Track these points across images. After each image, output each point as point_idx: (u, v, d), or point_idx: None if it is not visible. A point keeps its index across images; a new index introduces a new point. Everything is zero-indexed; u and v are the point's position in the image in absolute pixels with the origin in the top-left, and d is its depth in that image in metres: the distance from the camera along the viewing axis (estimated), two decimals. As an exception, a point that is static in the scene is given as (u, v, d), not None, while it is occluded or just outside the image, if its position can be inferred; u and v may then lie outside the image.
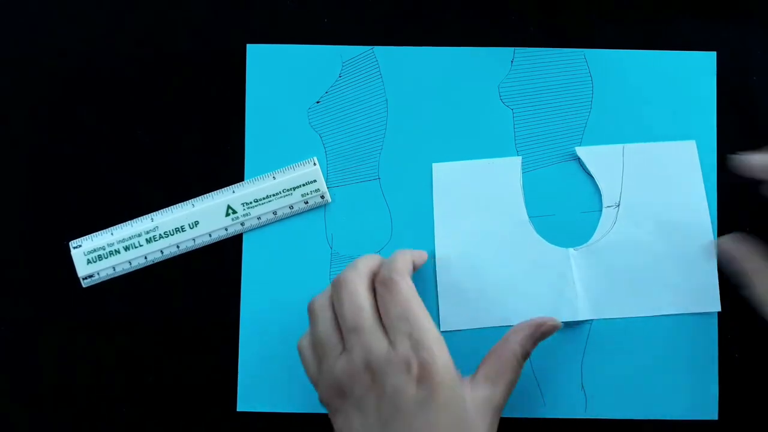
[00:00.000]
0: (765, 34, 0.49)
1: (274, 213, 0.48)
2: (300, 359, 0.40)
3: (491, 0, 0.49)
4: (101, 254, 0.48)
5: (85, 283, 0.49)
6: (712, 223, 0.48)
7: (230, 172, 0.49)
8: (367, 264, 0.39)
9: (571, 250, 0.45)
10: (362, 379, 0.35)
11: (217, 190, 0.49)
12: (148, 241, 0.48)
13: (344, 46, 0.49)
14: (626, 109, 0.48)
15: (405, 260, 0.39)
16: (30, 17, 0.50)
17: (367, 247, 0.48)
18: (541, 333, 0.40)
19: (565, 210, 0.48)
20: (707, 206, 0.45)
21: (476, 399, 0.36)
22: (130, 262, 0.49)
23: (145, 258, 0.49)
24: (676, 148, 0.46)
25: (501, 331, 0.46)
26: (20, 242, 0.49)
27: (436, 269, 0.46)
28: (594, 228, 0.47)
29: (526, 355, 0.39)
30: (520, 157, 0.47)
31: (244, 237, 0.49)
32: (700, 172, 0.45)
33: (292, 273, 0.48)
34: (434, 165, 0.47)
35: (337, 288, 0.38)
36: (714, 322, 0.47)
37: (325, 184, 0.48)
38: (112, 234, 0.49)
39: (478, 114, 0.48)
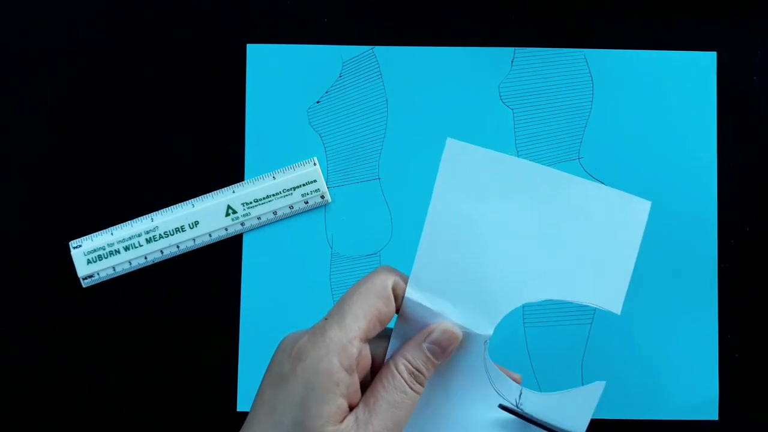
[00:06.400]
0: (765, 34, 0.49)
1: (274, 213, 0.48)
2: None
3: (491, 0, 0.49)
4: (101, 254, 0.48)
5: (85, 283, 0.49)
6: (713, 224, 0.48)
7: (230, 172, 0.49)
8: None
9: None
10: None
11: (217, 190, 0.49)
12: (148, 241, 0.48)
13: (344, 46, 0.49)
14: (626, 109, 0.48)
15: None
16: (29, 19, 0.50)
17: (367, 247, 0.48)
18: (431, 341, 0.30)
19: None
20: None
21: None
22: (130, 262, 0.49)
23: (145, 258, 0.49)
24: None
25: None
26: (20, 242, 0.49)
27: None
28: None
29: (412, 370, 0.30)
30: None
31: (244, 237, 0.49)
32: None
33: (292, 273, 0.48)
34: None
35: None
36: (714, 322, 0.47)
37: (325, 184, 0.48)
38: (112, 234, 0.49)
39: (478, 114, 0.48)
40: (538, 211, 0.30)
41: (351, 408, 0.29)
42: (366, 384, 0.30)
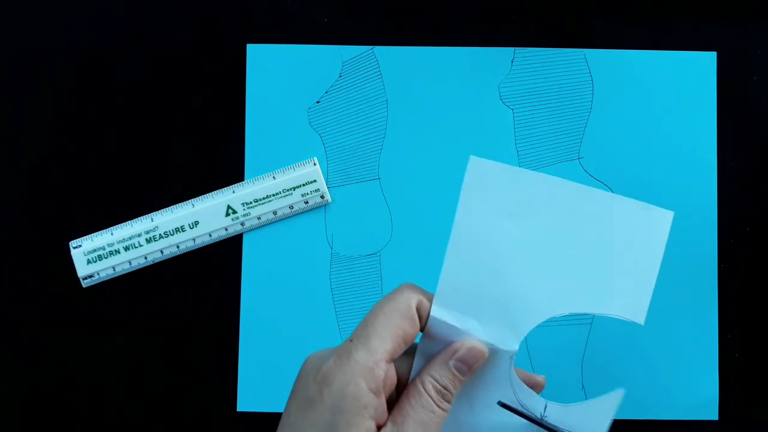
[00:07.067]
0: (765, 34, 0.49)
1: (274, 213, 0.48)
2: None
3: (491, 0, 0.49)
4: (101, 254, 0.48)
5: (85, 283, 0.49)
6: (713, 224, 0.48)
7: (230, 172, 0.49)
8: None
9: None
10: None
11: (217, 190, 0.49)
12: (148, 241, 0.48)
13: (344, 46, 0.49)
14: (626, 109, 0.48)
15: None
16: (30, 19, 0.50)
17: (367, 247, 0.48)
18: (458, 359, 0.30)
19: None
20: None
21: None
22: (130, 262, 0.49)
23: (145, 258, 0.49)
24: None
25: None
26: (20, 242, 0.49)
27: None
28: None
29: (439, 389, 0.30)
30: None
31: (244, 237, 0.49)
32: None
33: (292, 273, 0.48)
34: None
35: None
36: (714, 322, 0.47)
37: (325, 184, 0.48)
38: (112, 234, 0.49)
39: (478, 114, 0.48)
40: (561, 226, 0.30)
41: (379, 428, 0.29)
42: (392, 402, 0.30)
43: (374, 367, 0.28)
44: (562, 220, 0.30)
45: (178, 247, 0.49)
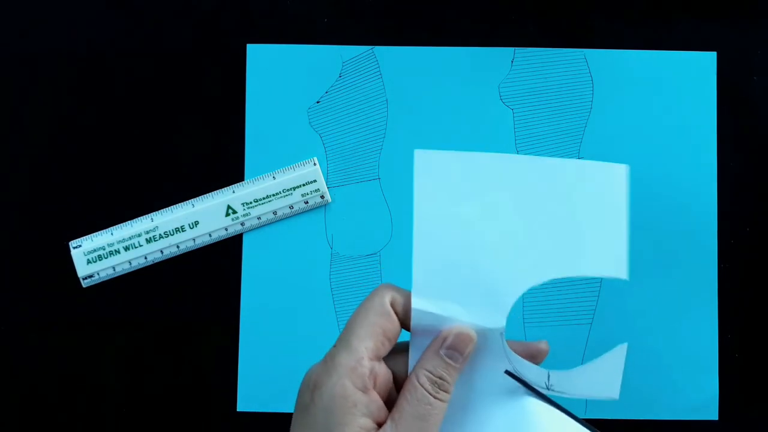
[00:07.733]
0: (765, 34, 0.49)
1: (274, 213, 0.48)
2: None
3: (491, 0, 0.49)
4: (101, 254, 0.48)
5: (85, 283, 0.49)
6: (713, 224, 0.48)
7: (230, 172, 0.49)
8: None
9: None
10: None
11: (217, 190, 0.49)
12: (148, 241, 0.48)
13: (344, 46, 0.49)
14: (626, 109, 0.48)
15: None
16: (30, 18, 0.50)
17: (367, 247, 0.48)
18: (448, 347, 0.30)
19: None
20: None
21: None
22: (130, 262, 0.49)
23: (145, 258, 0.49)
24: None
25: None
26: (20, 242, 0.49)
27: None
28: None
29: (434, 380, 0.30)
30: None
31: (244, 237, 0.49)
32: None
33: (292, 273, 0.48)
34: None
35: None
36: (714, 322, 0.47)
37: (325, 184, 0.48)
38: (112, 234, 0.49)
39: (478, 114, 0.48)
40: (521, 198, 0.31)
41: (380, 425, 0.30)
42: (393, 400, 0.31)
43: (357, 365, 0.29)
44: (521, 193, 0.31)
45: (178, 247, 0.49)
